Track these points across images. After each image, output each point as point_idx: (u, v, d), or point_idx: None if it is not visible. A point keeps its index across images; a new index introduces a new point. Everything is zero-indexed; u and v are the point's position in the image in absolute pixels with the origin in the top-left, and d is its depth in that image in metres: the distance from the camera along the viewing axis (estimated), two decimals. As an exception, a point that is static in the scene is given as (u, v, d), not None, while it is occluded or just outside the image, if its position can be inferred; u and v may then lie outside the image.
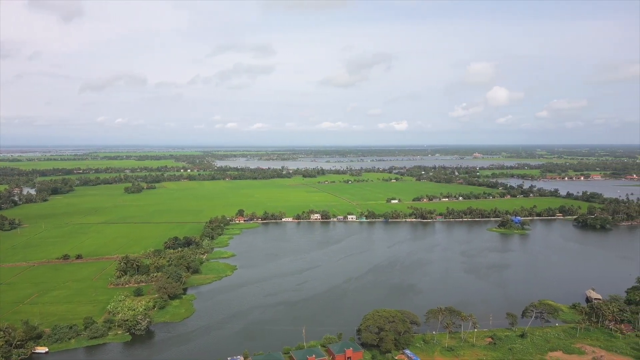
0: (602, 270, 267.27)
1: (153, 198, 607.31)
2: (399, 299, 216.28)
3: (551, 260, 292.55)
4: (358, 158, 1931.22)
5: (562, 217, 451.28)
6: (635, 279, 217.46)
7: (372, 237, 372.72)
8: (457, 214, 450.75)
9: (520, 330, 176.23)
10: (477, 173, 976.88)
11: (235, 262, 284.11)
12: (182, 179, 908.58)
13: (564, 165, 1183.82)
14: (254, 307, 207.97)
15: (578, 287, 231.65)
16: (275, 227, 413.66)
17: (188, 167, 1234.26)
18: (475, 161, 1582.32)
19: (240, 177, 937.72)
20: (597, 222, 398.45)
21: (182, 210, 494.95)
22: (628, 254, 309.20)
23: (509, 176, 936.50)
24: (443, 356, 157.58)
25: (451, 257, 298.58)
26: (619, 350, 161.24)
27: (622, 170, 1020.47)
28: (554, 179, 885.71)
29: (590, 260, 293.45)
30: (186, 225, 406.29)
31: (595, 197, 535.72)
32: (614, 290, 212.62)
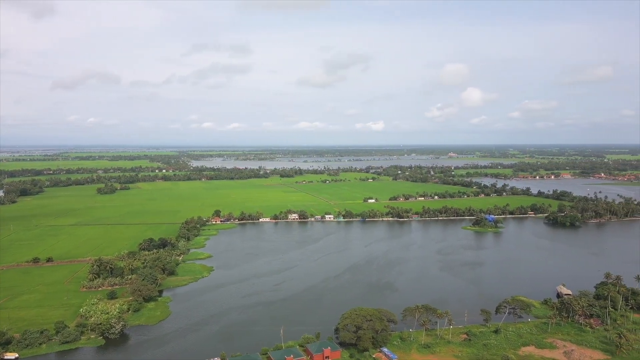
0: (572, 267, 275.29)
1: (127, 199, 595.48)
2: (376, 297, 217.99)
3: (523, 257, 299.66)
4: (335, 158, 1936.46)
5: (534, 215, 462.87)
6: (604, 274, 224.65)
7: (349, 236, 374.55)
8: (433, 212, 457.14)
9: (494, 326, 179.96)
10: (452, 172, 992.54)
11: (212, 263, 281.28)
12: (157, 179, 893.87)
13: (535, 165, 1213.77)
14: (231, 308, 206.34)
15: (549, 283, 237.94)
16: (252, 228, 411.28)
17: (163, 167, 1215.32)
18: (450, 161, 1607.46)
19: (216, 178, 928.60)
20: (566, 220, 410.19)
21: (158, 211, 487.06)
22: (596, 251, 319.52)
23: (482, 175, 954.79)
24: (420, 353, 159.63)
25: (427, 256, 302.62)
26: (588, 344, 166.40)
27: (590, 169, 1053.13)
28: (526, 178, 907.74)
29: (560, 257, 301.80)
30: (161, 226, 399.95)
31: (565, 195, 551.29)
32: (584, 285, 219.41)
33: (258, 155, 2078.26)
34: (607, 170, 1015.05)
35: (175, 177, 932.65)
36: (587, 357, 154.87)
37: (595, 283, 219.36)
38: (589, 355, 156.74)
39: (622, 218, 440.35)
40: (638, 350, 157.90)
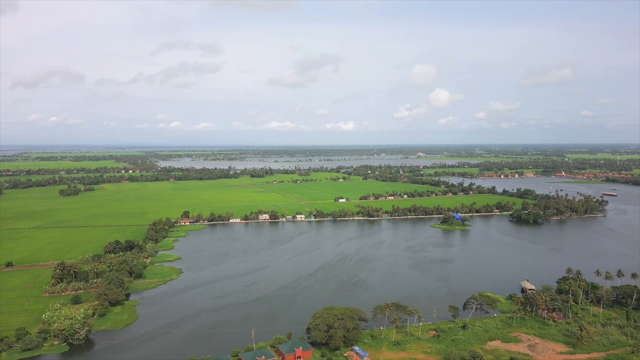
0: (536, 262, 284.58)
1: (91, 200, 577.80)
2: (347, 296, 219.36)
3: (489, 254, 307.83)
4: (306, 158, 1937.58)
5: (499, 213, 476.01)
6: (565, 269, 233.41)
7: (321, 236, 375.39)
8: (402, 211, 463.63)
9: (462, 321, 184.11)
10: (420, 172, 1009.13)
11: (181, 265, 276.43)
12: (123, 180, 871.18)
13: (500, 164, 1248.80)
14: (202, 310, 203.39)
15: (514, 278, 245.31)
16: (222, 229, 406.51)
17: (129, 167, 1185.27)
18: (419, 160, 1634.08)
19: (185, 178, 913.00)
20: (530, 217, 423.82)
21: (124, 212, 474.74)
22: (558, 247, 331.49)
23: (450, 174, 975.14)
24: (390, 351, 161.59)
25: (397, 254, 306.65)
26: (551, 337, 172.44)
27: (552, 168, 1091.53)
28: (492, 177, 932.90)
29: (524, 253, 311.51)
30: (128, 228, 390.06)
31: (528, 193, 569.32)
32: (546, 280, 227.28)
33: (228, 155, 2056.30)
34: (567, 169, 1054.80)
35: (142, 177, 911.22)
36: (550, 350, 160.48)
37: (557, 278, 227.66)
38: (551, 347, 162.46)
39: (582, 215, 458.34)
40: (598, 342, 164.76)
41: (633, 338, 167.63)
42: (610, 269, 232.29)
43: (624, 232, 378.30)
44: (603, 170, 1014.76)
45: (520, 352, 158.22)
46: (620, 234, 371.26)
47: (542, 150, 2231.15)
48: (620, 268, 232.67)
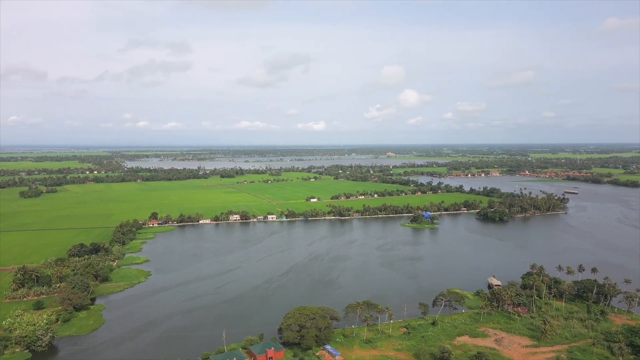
0: (502, 259, 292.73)
1: (54, 202, 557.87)
2: (320, 295, 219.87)
3: (458, 251, 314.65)
4: (277, 158, 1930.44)
5: (467, 211, 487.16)
6: (529, 265, 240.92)
7: (292, 236, 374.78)
8: (373, 210, 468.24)
9: (432, 318, 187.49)
10: (390, 171, 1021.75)
11: (149, 268, 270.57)
12: (88, 181, 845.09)
13: (467, 163, 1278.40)
14: (171, 313, 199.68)
15: (481, 275, 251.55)
16: (192, 230, 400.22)
17: (94, 168, 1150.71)
18: (389, 160, 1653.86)
19: (153, 179, 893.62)
20: (496, 215, 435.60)
21: (89, 214, 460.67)
22: (523, 243, 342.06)
23: (419, 174, 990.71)
24: (362, 349, 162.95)
25: (368, 252, 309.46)
26: (516, 331, 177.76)
27: (516, 167, 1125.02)
28: (459, 176, 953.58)
29: (491, 250, 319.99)
30: (93, 230, 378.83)
31: (494, 192, 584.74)
32: (512, 276, 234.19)
33: (197, 155, 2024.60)
34: (530, 168, 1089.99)
35: (108, 178, 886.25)
36: (516, 344, 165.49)
37: (522, 274, 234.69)
38: (517, 341, 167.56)
39: (545, 212, 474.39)
40: (560, 335, 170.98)
41: (594, 330, 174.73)
42: (571, 264, 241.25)
43: (584, 228, 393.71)
44: (564, 169, 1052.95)
45: (487, 347, 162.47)
46: (581, 230, 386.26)
47: (507, 150, 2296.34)
48: (580, 263, 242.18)
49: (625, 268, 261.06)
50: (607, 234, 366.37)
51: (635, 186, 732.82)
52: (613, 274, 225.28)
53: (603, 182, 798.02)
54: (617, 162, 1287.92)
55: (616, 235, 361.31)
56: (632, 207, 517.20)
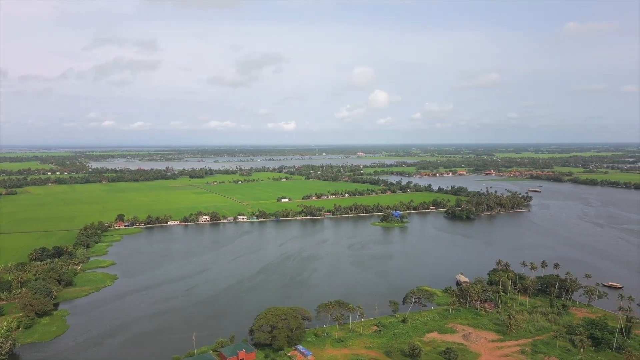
0: (469, 256, 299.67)
1: (14, 205, 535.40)
2: (291, 296, 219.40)
3: (427, 249, 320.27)
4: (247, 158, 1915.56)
5: (435, 210, 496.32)
6: (495, 262, 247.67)
7: (263, 236, 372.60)
8: (344, 210, 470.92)
9: (402, 316, 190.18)
10: (361, 171, 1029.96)
11: (115, 271, 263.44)
12: (50, 182, 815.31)
13: (435, 163, 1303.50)
14: (139, 317, 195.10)
15: (449, 272, 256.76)
16: (160, 232, 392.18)
17: (57, 169, 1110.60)
18: (359, 160, 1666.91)
19: (119, 180, 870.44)
20: (463, 213, 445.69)
21: (51, 217, 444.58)
22: (489, 240, 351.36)
23: (389, 173, 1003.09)
24: (333, 348, 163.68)
25: (339, 252, 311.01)
26: (483, 326, 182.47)
27: (482, 166, 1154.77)
28: (428, 175, 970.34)
29: (459, 248, 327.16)
30: (56, 233, 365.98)
31: (461, 191, 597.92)
32: (479, 273, 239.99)
33: (165, 156, 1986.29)
34: (496, 168, 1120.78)
35: (71, 179, 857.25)
36: (483, 338, 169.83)
37: (489, 270, 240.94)
38: (484, 336, 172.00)
39: (510, 210, 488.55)
40: (525, 329, 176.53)
41: (556, 324, 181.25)
42: (535, 260, 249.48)
43: (546, 225, 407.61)
44: (528, 168, 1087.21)
45: (455, 342, 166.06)
46: (544, 227, 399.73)
47: (473, 150, 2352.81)
48: (544, 259, 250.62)
49: (586, 263, 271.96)
50: (568, 231, 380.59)
51: (594, 184, 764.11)
52: (574, 269, 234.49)
53: (564, 181, 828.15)
54: (577, 161, 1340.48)
55: (577, 232, 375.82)
56: (591, 204, 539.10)
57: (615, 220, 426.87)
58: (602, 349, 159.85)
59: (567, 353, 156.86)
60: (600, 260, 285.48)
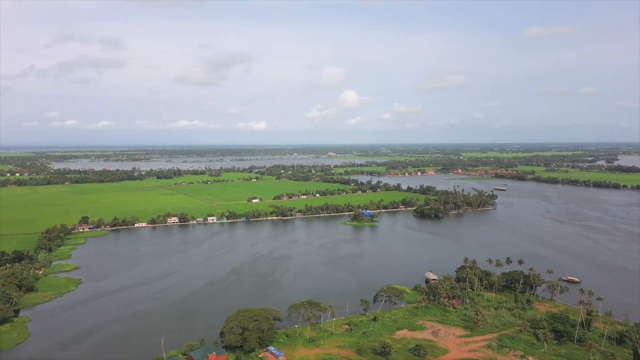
0: (438, 254, 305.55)
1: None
2: (263, 296, 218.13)
3: (397, 247, 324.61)
4: (217, 158, 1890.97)
5: (405, 209, 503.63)
6: (463, 259, 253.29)
7: (234, 237, 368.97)
8: (315, 210, 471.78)
9: (373, 314, 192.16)
10: (332, 171, 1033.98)
11: (79, 275, 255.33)
12: (9, 184, 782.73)
13: (404, 162, 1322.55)
14: (105, 322, 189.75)
15: (419, 270, 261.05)
16: (127, 234, 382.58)
17: (16, 170, 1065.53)
18: (330, 159, 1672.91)
19: (82, 181, 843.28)
20: (432, 212, 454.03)
21: (10, 220, 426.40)
22: (457, 238, 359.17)
23: (359, 173, 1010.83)
24: (305, 348, 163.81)
25: (311, 252, 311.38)
26: (451, 322, 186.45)
27: (450, 166, 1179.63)
28: (397, 175, 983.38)
29: (428, 246, 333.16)
30: (16, 237, 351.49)
31: (430, 190, 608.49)
32: (447, 270, 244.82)
33: (131, 156, 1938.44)
34: (463, 167, 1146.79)
35: (32, 181, 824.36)
36: (451, 334, 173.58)
37: (456, 267, 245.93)
38: (452, 332, 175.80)
39: (476, 208, 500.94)
40: (491, 324, 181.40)
41: (520, 318, 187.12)
42: (500, 257, 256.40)
43: (510, 223, 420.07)
44: (493, 167, 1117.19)
45: (425, 339, 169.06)
46: (508, 224, 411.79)
47: (441, 150, 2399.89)
48: (508, 256, 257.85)
49: (548, 259, 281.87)
50: (532, 228, 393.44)
51: (555, 183, 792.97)
52: (537, 265, 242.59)
53: (527, 179, 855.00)
54: (540, 160, 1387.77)
55: (539, 229, 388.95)
56: (553, 202, 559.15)
57: (575, 217, 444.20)
58: (564, 341, 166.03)
59: (531, 346, 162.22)
60: (561, 255, 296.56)
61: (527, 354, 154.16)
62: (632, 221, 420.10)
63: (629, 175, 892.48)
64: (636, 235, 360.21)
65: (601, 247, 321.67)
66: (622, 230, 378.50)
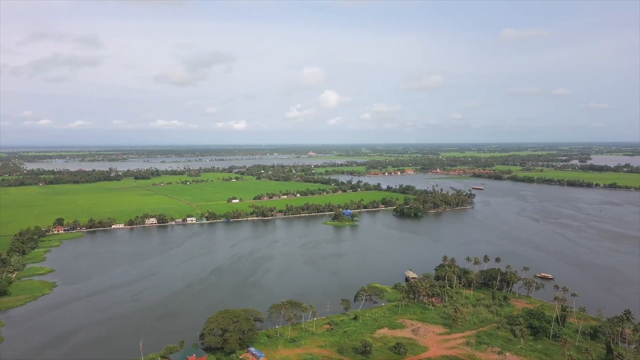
0: (417, 253, 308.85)
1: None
2: (243, 297, 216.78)
3: (377, 247, 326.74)
4: (196, 158, 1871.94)
5: (384, 208, 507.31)
6: (442, 258, 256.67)
7: (213, 238, 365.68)
8: (296, 210, 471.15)
9: (354, 313, 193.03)
10: (312, 171, 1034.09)
11: (54, 279, 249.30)
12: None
13: (384, 162, 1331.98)
14: (81, 325, 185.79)
15: (399, 269, 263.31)
16: (103, 236, 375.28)
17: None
18: (311, 159, 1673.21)
19: (57, 182, 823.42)
20: (411, 211, 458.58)
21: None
22: (436, 237, 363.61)
23: (340, 173, 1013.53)
24: (286, 348, 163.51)
25: (291, 252, 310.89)
26: (431, 320, 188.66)
27: (428, 165, 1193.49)
28: (377, 175, 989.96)
29: (408, 245, 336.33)
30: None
31: (409, 189, 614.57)
32: (426, 269, 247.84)
33: (108, 156, 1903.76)
34: (441, 166, 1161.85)
35: (4, 182, 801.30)
36: (430, 332, 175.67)
37: (436, 265, 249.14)
38: (431, 330, 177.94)
39: (455, 207, 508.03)
40: (470, 321, 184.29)
41: (498, 315, 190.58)
42: (478, 255, 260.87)
43: (488, 221, 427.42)
44: (471, 167, 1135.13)
45: (405, 337, 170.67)
46: (486, 223, 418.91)
47: (420, 149, 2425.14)
48: (486, 254, 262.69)
49: (524, 257, 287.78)
50: (508, 226, 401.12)
51: (531, 182, 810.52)
52: (514, 262, 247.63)
53: (504, 179, 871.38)
54: (516, 159, 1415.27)
55: (516, 227, 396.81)
56: (529, 200, 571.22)
57: (550, 215, 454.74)
58: (540, 337, 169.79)
59: (509, 342, 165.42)
60: (536, 253, 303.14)
61: (504, 350, 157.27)
62: (604, 219, 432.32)
63: (601, 174, 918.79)
64: (608, 232, 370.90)
65: (575, 244, 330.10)
66: (595, 228, 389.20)
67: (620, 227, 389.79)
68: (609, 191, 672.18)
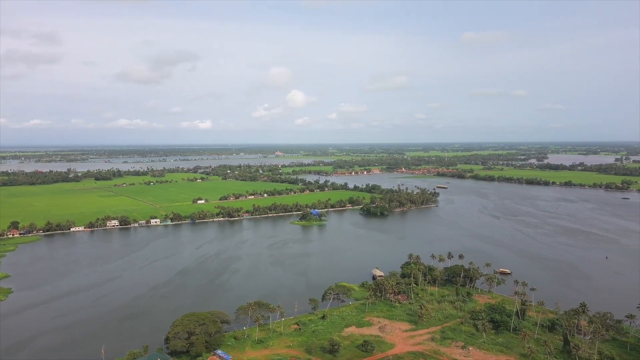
0: (384, 251, 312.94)
1: None
2: (210, 300, 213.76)
3: (344, 246, 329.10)
4: (160, 158, 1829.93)
5: (351, 207, 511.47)
6: (407, 255, 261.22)
7: (178, 240, 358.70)
8: (263, 210, 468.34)
9: (322, 312, 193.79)
10: (279, 171, 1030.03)
11: (9, 284, 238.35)
12: None
13: (351, 162, 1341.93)
14: (39, 333, 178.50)
15: (366, 267, 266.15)
16: (62, 239, 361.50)
17: None
18: (278, 159, 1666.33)
19: (11, 183, 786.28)
20: (377, 210, 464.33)
21: None
22: (402, 235, 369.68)
23: (307, 173, 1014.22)
24: (254, 349, 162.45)
25: (259, 252, 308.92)
26: (397, 317, 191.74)
27: (394, 165, 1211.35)
28: (344, 174, 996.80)
29: (374, 243, 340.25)
30: None
31: (375, 188, 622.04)
32: (393, 266, 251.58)
33: (66, 156, 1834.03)
34: (407, 166, 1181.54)
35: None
36: (397, 329, 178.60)
37: (402, 263, 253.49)
38: (398, 327, 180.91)
39: (420, 206, 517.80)
40: (435, 317, 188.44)
41: (462, 311, 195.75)
42: (442, 252, 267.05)
43: (452, 219, 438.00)
44: (435, 166, 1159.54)
45: (372, 335, 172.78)
46: (450, 221, 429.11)
47: (386, 149, 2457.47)
48: (450, 251, 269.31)
49: (486, 253, 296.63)
50: (471, 224, 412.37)
51: (492, 180, 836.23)
52: (476, 259, 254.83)
53: (467, 178, 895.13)
54: (477, 159, 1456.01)
55: (478, 224, 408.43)
56: (490, 199, 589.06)
57: (510, 213, 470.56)
58: (501, 331, 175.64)
59: (472, 337, 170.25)
60: (497, 249, 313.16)
61: (467, 344, 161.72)
62: (560, 215, 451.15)
63: (558, 172, 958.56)
64: (564, 228, 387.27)
65: (533, 240, 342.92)
66: (552, 224, 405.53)
67: (575, 223, 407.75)
68: (564, 189, 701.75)
